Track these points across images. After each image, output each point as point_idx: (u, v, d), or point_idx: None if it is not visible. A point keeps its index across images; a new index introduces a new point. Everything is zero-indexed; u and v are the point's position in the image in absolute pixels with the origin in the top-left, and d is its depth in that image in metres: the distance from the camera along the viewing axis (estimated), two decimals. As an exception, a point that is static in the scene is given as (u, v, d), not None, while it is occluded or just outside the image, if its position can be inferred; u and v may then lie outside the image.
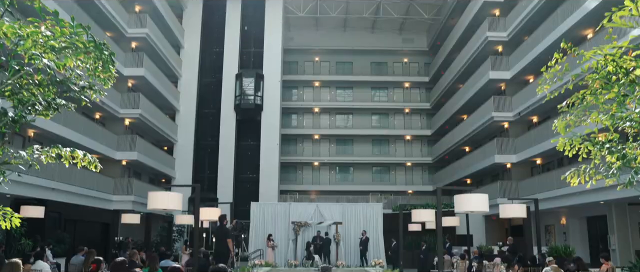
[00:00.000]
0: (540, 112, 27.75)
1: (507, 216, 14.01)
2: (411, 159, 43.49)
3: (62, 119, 22.95)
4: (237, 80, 36.99)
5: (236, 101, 36.66)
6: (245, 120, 37.22)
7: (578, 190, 21.54)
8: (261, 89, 37.06)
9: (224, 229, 12.12)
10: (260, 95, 36.96)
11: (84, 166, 6.54)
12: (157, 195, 10.74)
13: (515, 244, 17.87)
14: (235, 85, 37.04)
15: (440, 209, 10.74)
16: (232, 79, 37.22)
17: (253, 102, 36.62)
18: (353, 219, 23.73)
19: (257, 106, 36.69)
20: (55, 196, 22.11)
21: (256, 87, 36.85)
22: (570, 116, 6.09)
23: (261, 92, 37.03)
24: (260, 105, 36.82)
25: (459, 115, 37.10)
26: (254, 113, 36.96)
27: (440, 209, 10.74)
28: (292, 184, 42.43)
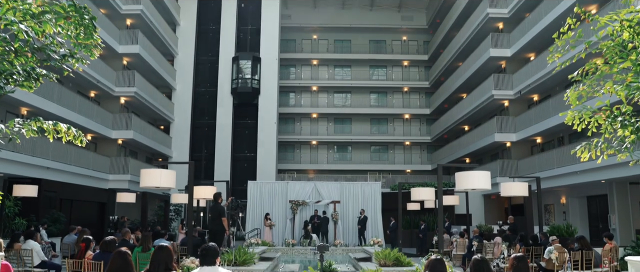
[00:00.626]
0: (541, 90, 27.42)
1: (508, 194, 13.76)
2: (410, 138, 43.21)
3: (57, 97, 22.60)
4: (234, 63, 36.53)
5: (233, 85, 36.24)
6: (243, 103, 36.82)
7: (579, 169, 21.32)
8: (258, 72, 36.62)
9: (218, 207, 11.83)
10: (257, 78, 36.52)
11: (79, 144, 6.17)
12: (150, 172, 10.46)
13: (516, 223, 17.64)
14: (232, 68, 36.56)
15: (441, 187, 10.46)
16: (229, 57, 36.78)
17: (250, 86, 36.22)
18: (351, 197, 23.49)
19: (254, 90, 36.30)
20: (50, 175, 21.82)
21: (253, 71, 36.42)
22: (583, 86, 5.71)
23: (258, 75, 36.60)
24: (257, 89, 36.42)
25: (458, 93, 36.74)
26: (251, 97, 36.57)
27: (441, 187, 10.46)
28: (290, 163, 42.19)
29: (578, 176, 21.80)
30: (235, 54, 36.76)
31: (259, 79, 36.59)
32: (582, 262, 10.27)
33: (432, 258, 4.94)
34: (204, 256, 4.91)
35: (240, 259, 10.84)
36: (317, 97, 43.66)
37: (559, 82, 25.85)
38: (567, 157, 22.55)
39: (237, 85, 36.11)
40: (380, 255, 11.20)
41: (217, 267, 4.95)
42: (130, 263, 5.31)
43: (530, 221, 19.77)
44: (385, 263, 10.99)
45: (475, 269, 4.89)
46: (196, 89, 37.41)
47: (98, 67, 26.67)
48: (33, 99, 20.70)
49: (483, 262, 4.91)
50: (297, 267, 13.66)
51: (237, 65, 36.39)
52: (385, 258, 11.01)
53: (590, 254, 10.44)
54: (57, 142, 23.45)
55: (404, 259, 11.27)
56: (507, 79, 29.19)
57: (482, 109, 32.04)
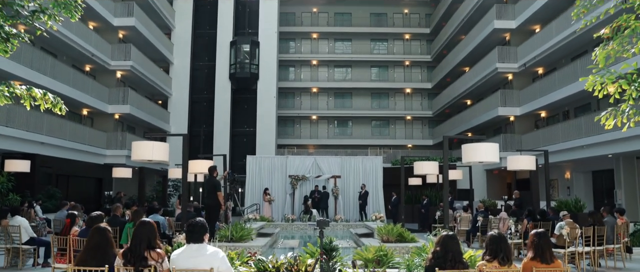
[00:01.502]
0: (547, 63, 26.84)
1: (515, 168, 13.31)
2: (411, 113, 42.68)
3: (50, 70, 22.04)
4: (232, 47, 35.82)
5: (231, 70, 35.62)
6: (241, 88, 36.24)
7: (585, 143, 20.87)
8: (257, 56, 35.95)
9: (213, 181, 11.34)
10: (255, 63, 35.85)
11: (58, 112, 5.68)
12: (142, 145, 9.97)
13: (522, 198, 17.21)
14: (230, 52, 35.83)
15: (447, 160, 9.98)
16: (228, 30, 36.11)
17: (248, 72, 35.59)
18: (352, 172, 23.06)
19: (252, 75, 35.68)
20: (44, 151, 21.37)
21: (252, 55, 35.73)
22: (613, 44, 5.17)
23: (257, 59, 35.92)
24: (255, 74, 35.79)
25: (460, 67, 36.13)
26: (250, 82, 35.97)
27: (447, 160, 9.98)
28: (289, 138, 41.75)
29: (584, 150, 21.33)
30: (234, 38, 36.05)
31: (258, 63, 35.94)
32: (593, 238, 9.85)
33: (443, 234, 4.48)
34: (191, 233, 4.46)
35: (237, 235, 10.43)
36: (317, 71, 43.02)
37: (565, 55, 25.26)
38: (573, 131, 22.09)
39: (236, 70, 35.48)
40: (383, 230, 10.78)
41: (206, 245, 4.49)
42: (109, 239, 4.86)
43: (536, 195, 19.33)
44: (388, 239, 10.58)
45: (493, 245, 4.43)
46: (194, 63, 36.80)
47: (92, 40, 26.06)
48: (25, 73, 20.14)
49: (500, 238, 4.46)
50: (297, 243, 13.26)
51: (235, 49, 35.70)
52: (387, 234, 10.60)
53: (602, 230, 10.00)
54: (51, 116, 22.95)
55: (408, 234, 10.86)
56: (512, 51, 28.55)
57: (485, 83, 31.46)
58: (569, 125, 22.99)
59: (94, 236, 4.83)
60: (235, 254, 6.61)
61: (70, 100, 24.53)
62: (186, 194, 9.97)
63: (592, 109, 23.37)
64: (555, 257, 4.63)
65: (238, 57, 35.56)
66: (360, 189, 22.33)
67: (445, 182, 9.88)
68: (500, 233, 4.48)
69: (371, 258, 6.68)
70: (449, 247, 4.40)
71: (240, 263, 6.49)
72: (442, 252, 4.39)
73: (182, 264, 4.39)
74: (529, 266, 4.54)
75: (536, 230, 4.73)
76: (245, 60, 35.55)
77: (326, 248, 5.94)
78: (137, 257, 4.48)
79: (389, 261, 6.66)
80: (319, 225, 5.28)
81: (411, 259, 6.34)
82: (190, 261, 4.37)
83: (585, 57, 22.15)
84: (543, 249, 4.54)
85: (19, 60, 19.80)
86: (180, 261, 4.42)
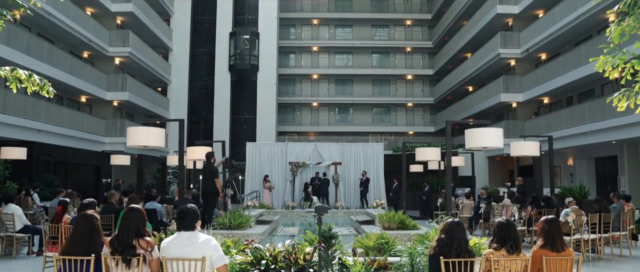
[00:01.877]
0: (550, 48, 26.49)
1: (519, 154, 13.07)
2: (412, 100, 42.35)
3: (46, 56, 21.76)
4: (232, 38, 35.47)
5: (231, 61, 35.31)
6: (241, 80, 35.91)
7: (588, 129, 20.62)
8: (257, 47, 35.59)
9: (210, 167, 11.09)
10: (255, 55, 35.50)
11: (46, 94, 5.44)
12: (137, 130, 9.73)
13: (525, 184, 16.97)
14: (229, 43, 35.49)
15: (450, 145, 9.74)
16: (227, 15, 35.74)
17: (248, 63, 35.25)
18: (353, 159, 22.82)
19: (252, 67, 35.37)
20: (42, 138, 21.15)
21: (251, 47, 35.37)
22: (629, 19, 4.90)
23: (257, 51, 35.58)
24: (255, 66, 35.48)
25: (462, 53, 35.75)
26: (250, 74, 35.66)
27: (450, 145, 9.74)
28: (290, 125, 41.48)
29: (588, 136, 21.07)
30: (233, 28, 35.68)
31: (258, 55, 35.61)
32: (599, 225, 9.63)
33: (448, 221, 4.25)
34: (181, 220, 4.23)
35: (235, 222, 10.21)
36: (317, 57, 42.62)
37: (568, 40, 24.94)
38: (576, 117, 21.83)
39: (235, 62, 35.15)
40: (384, 218, 10.56)
41: (197, 233, 4.26)
42: (97, 227, 4.63)
43: (540, 182, 19.10)
44: (389, 226, 10.36)
45: (501, 232, 4.20)
46: (194, 50, 36.49)
47: (90, 26, 25.77)
48: (22, 59, 19.83)
49: (509, 226, 4.22)
50: (297, 231, 13.04)
51: (235, 41, 35.34)
52: (389, 221, 10.38)
53: (608, 217, 9.78)
54: (49, 103, 22.72)
55: (409, 221, 10.64)
56: (514, 37, 28.19)
57: (488, 69, 31.13)
58: (572, 111, 22.72)
59: (81, 223, 4.61)
60: (231, 242, 6.40)
61: (67, 87, 24.33)
62: (183, 181, 9.74)
63: (596, 94, 23.08)
64: (566, 245, 4.40)
65: (238, 49, 35.23)
66: (361, 176, 22.11)
67: (448, 168, 9.64)
68: (509, 220, 4.24)
69: (372, 246, 6.46)
70: (454, 235, 4.17)
71: (237, 251, 6.27)
72: (447, 239, 4.17)
73: (173, 253, 4.16)
74: (538, 254, 4.31)
75: (546, 217, 4.49)
76: (245, 53, 35.21)
77: (325, 236, 5.72)
78: (125, 246, 4.25)
79: (390, 248, 6.45)
80: (317, 212, 5.05)
81: (413, 247, 6.11)
82: (181, 250, 4.15)
83: (589, 42, 21.82)
84: (554, 236, 4.31)
85: (15, 46, 19.54)
86: (170, 250, 4.19)
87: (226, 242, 6.35)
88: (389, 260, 6.04)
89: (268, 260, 5.75)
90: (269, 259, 5.76)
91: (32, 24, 22.82)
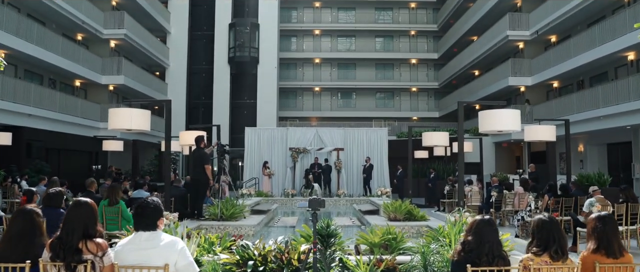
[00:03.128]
0: (561, 30, 25.50)
1: (533, 139, 12.20)
2: (416, 84, 41.39)
3: (36, 38, 20.85)
4: (231, 30, 34.46)
5: (230, 54, 34.38)
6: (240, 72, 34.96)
7: (601, 114, 19.73)
8: (257, 39, 34.60)
9: (200, 152, 10.21)
10: (255, 46, 34.52)
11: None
12: (119, 112, 8.90)
13: (538, 171, 16.09)
14: (229, 35, 34.49)
15: (462, 128, 8.88)
16: None
17: (248, 55, 34.28)
18: (356, 145, 21.93)
19: (252, 59, 34.42)
20: (32, 123, 20.35)
21: (251, 38, 34.39)
22: None
23: (257, 42, 34.59)
24: (255, 58, 34.53)
25: (468, 36, 34.71)
26: (250, 66, 34.71)
27: (462, 128, 8.88)
28: (291, 111, 40.59)
29: (600, 121, 20.17)
30: (232, 20, 34.62)
31: (258, 47, 34.62)
32: (626, 217, 8.77)
33: (477, 219, 3.38)
34: (139, 217, 3.37)
35: (227, 212, 9.38)
36: (319, 41, 41.60)
37: (581, 21, 23.94)
38: (589, 101, 20.93)
39: (235, 54, 34.20)
40: (390, 208, 9.71)
41: (159, 233, 3.41)
42: (38, 226, 3.73)
43: (553, 169, 18.19)
44: (395, 217, 9.52)
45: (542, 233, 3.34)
46: (192, 33, 35.57)
47: (83, 7, 24.82)
48: (10, 41, 19.01)
49: (552, 224, 3.36)
50: (296, 221, 12.18)
51: (235, 32, 34.35)
52: (395, 211, 9.53)
53: (636, 207, 8.92)
54: (40, 87, 21.90)
55: (417, 212, 9.78)
56: (523, 18, 27.16)
57: (495, 52, 30.15)
58: (584, 95, 21.82)
59: (16, 221, 3.70)
60: (216, 238, 5.54)
61: (60, 71, 23.50)
62: (168, 167, 8.91)
63: (609, 78, 22.14)
64: (625, 250, 3.54)
65: (237, 40, 34.27)
66: (364, 162, 21.23)
67: (460, 154, 8.79)
68: (552, 217, 3.37)
69: (378, 242, 5.61)
70: (485, 237, 3.32)
71: (222, 249, 5.43)
72: (476, 242, 3.32)
73: (128, 259, 3.31)
74: (590, 260, 3.44)
75: (599, 214, 3.62)
76: (244, 45, 34.24)
77: (322, 234, 4.88)
78: (69, 250, 3.36)
79: (398, 246, 5.59)
80: (311, 206, 4.19)
81: (426, 245, 5.26)
82: (139, 255, 3.30)
83: (603, 22, 20.83)
84: (609, 238, 3.45)
85: (1, 27, 18.64)
86: (125, 255, 3.34)
87: (210, 239, 5.50)
88: (398, 259, 5.19)
89: (256, 260, 4.91)
90: (257, 259, 4.92)
91: (21, 5, 21.92)
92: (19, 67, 22.03)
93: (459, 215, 6.04)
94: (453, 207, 17.71)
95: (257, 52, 34.72)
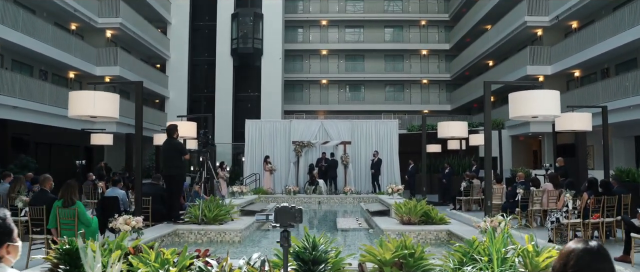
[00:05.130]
0: (582, 15, 23.88)
1: (567, 128, 10.69)
2: (427, 76, 39.79)
3: (22, 25, 19.51)
4: (234, 20, 33.01)
5: (233, 45, 32.96)
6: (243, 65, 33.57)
7: (631, 103, 18.19)
8: (260, 30, 33.16)
9: (173, 143, 8.68)
10: (259, 38, 33.07)
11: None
12: (79, 96, 7.50)
13: (567, 166, 14.55)
14: (231, 26, 33.04)
15: (490, 108, 7.44)
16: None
17: (252, 47, 32.84)
18: (364, 138, 20.42)
19: (256, 50, 32.97)
20: (18, 116, 19.04)
21: (255, 29, 32.94)
22: None
23: (260, 34, 33.15)
24: (259, 50, 33.11)
25: (481, 25, 33.10)
26: (253, 59, 33.27)
27: (490, 108, 7.44)
28: (297, 104, 39.12)
29: (630, 111, 18.61)
30: (235, 10, 33.19)
31: (262, 38, 33.17)
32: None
33: (578, 247, 1.91)
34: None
35: (210, 215, 7.94)
36: (326, 32, 40.05)
37: (605, 5, 22.31)
38: (615, 90, 19.39)
39: (237, 45, 32.76)
40: (403, 209, 8.23)
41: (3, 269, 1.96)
42: None
43: (584, 163, 16.58)
44: (409, 219, 8.05)
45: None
46: (194, 23, 34.18)
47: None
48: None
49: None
50: (295, 223, 10.76)
51: (238, 23, 32.90)
52: (409, 213, 8.05)
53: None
54: (27, 78, 20.59)
55: (435, 213, 8.29)
56: (542, 3, 25.51)
57: (511, 41, 28.56)
58: (610, 83, 20.24)
59: None
60: (171, 254, 4.10)
61: (50, 61, 22.20)
62: (139, 161, 7.51)
63: (638, 64, 20.52)
64: None
65: (240, 31, 32.82)
66: (372, 157, 19.73)
67: (488, 144, 7.36)
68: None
69: (389, 260, 4.13)
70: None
71: (178, 270, 3.98)
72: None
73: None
74: None
75: None
76: (247, 36, 32.79)
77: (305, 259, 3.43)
78: None
79: (418, 265, 4.10)
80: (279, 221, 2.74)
81: (458, 268, 3.81)
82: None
83: (632, 4, 19.20)
84: None
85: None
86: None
87: (163, 255, 4.05)
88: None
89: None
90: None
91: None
92: (6, 57, 20.75)
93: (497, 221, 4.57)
94: (470, 205, 16.24)
95: (260, 44, 33.32)
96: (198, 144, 9.55)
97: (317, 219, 13.39)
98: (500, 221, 5.98)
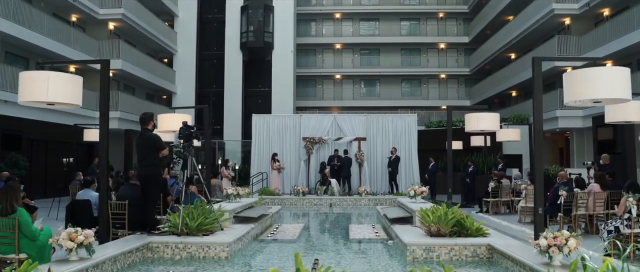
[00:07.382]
0: (615, 1, 22.12)
1: (618, 120, 9.09)
2: (445, 71, 38.15)
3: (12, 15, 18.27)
4: (243, 13, 31.63)
5: (242, 39, 31.62)
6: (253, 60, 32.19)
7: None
8: (271, 23, 31.74)
9: (147, 135, 7.17)
10: (270, 31, 31.65)
11: None
12: (31, 77, 6.07)
13: (612, 164, 12.91)
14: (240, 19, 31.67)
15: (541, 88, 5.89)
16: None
17: (262, 40, 31.48)
18: (380, 134, 18.88)
19: (266, 44, 31.58)
20: (10, 111, 17.83)
21: (265, 23, 31.52)
22: None
23: (271, 27, 31.74)
24: (270, 43, 31.72)
25: (502, 16, 31.48)
26: (263, 52, 31.87)
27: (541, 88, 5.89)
28: (311, 100, 37.69)
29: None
30: (245, 3, 31.80)
31: (272, 31, 31.76)
32: None
33: None
34: None
35: (193, 224, 6.47)
36: (340, 25, 38.52)
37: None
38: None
39: (247, 39, 31.38)
40: (430, 217, 6.69)
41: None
42: None
43: (632, 161, 14.87)
44: (438, 231, 6.53)
45: None
46: (202, 16, 32.86)
47: (74, -17, 22.25)
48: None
49: None
50: (298, 232, 9.03)
51: (247, 16, 31.49)
52: (438, 222, 6.53)
53: None
54: (19, 69, 19.33)
55: (470, 222, 6.75)
56: (571, -11, 23.83)
57: (535, 31, 26.88)
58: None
59: None
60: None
61: (48, 53, 20.95)
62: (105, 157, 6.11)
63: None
64: None
65: (250, 25, 31.43)
66: (389, 154, 18.19)
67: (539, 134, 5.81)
68: None
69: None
70: None
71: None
72: None
73: None
74: None
75: None
76: (258, 29, 31.38)
77: None
78: None
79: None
80: None
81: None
82: None
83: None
84: None
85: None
86: None
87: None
88: None
89: None
90: None
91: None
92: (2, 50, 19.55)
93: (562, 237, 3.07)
94: (498, 207, 14.67)
95: (271, 37, 31.92)
96: (179, 137, 8.04)
97: (328, 224, 11.90)
98: (567, 237, 4.47)
